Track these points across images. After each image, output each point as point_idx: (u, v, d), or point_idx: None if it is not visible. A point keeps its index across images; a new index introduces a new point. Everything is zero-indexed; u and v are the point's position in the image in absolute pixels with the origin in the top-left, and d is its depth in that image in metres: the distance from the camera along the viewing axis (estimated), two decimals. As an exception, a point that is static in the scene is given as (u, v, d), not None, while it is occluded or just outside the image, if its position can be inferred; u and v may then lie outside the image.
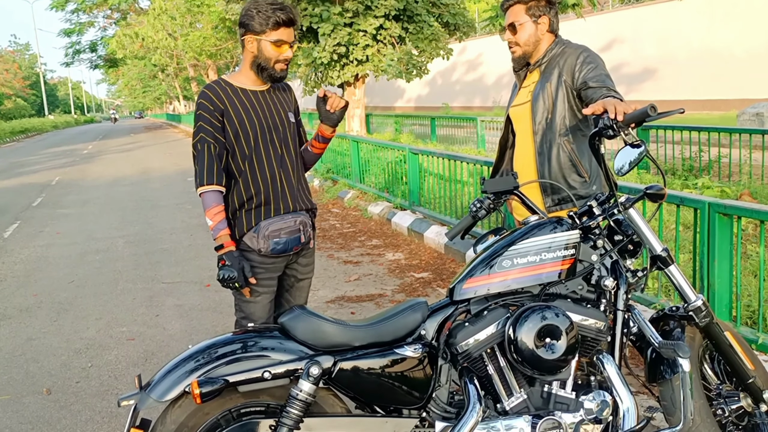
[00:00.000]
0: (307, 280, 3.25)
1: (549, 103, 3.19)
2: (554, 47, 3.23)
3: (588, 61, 3.13)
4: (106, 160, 23.53)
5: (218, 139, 2.95)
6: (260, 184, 2.99)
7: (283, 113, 3.10)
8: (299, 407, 2.30)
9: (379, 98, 41.13)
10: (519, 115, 3.38)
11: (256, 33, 2.93)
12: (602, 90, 3.00)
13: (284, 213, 3.01)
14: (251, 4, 2.95)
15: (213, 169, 2.91)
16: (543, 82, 3.22)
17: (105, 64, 50.67)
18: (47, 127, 58.00)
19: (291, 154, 3.10)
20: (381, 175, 10.57)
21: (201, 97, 3.00)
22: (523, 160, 3.34)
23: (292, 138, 3.13)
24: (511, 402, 2.46)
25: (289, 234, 3.00)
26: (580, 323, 2.43)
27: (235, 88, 3.01)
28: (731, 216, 4.11)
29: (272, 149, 3.03)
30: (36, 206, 13.00)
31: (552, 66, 3.21)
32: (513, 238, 2.54)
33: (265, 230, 2.95)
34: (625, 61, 26.81)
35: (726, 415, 2.68)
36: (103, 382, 4.50)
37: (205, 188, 2.90)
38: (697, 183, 8.88)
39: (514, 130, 3.44)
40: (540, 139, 3.23)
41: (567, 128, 3.18)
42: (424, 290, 6.08)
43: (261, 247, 2.95)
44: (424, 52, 16.39)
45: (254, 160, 2.99)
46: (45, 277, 7.41)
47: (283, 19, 2.91)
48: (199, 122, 2.97)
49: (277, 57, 2.96)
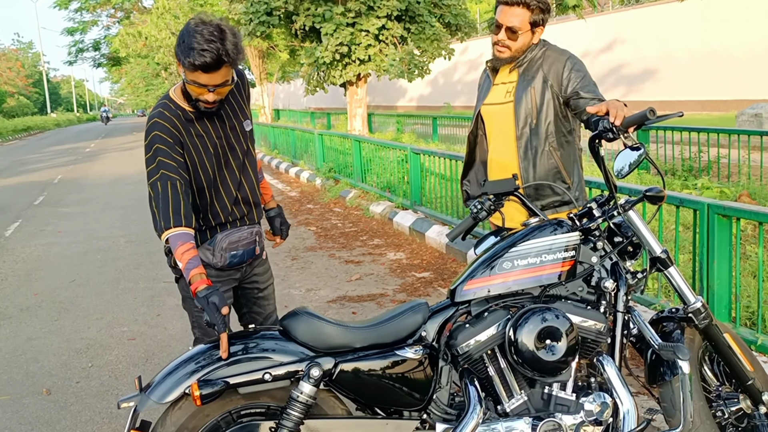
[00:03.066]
0: (270, 287, 3.12)
1: (533, 108, 3.12)
2: (534, 48, 3.16)
3: (576, 68, 3.09)
4: (109, 158, 23.54)
5: (182, 176, 2.62)
6: (219, 212, 2.80)
7: (238, 128, 2.84)
8: (300, 409, 2.31)
9: (380, 97, 41.12)
10: (494, 115, 3.28)
11: (179, 61, 2.55)
12: (594, 101, 2.98)
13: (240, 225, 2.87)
14: (191, 25, 2.52)
15: (180, 209, 2.55)
16: (525, 85, 3.14)
17: (108, 63, 50.63)
18: (50, 125, 57.98)
19: (248, 172, 2.90)
20: (383, 175, 10.58)
21: (155, 128, 2.64)
22: (502, 163, 3.25)
23: (250, 152, 2.91)
24: (512, 403, 2.46)
25: (246, 246, 2.87)
26: (581, 325, 2.44)
27: (186, 112, 2.69)
28: (730, 217, 4.12)
29: (231, 175, 2.82)
30: (38, 205, 13.01)
31: (533, 68, 3.14)
32: (514, 239, 2.55)
33: (222, 243, 2.79)
34: (625, 62, 26.81)
35: (725, 416, 2.68)
36: (103, 382, 4.51)
37: (174, 231, 2.53)
38: (696, 183, 8.89)
39: (486, 128, 3.34)
40: (524, 144, 3.16)
41: (553, 134, 3.14)
42: (425, 290, 6.08)
43: (217, 261, 2.80)
44: (426, 52, 16.41)
45: (213, 192, 2.78)
46: (46, 276, 7.42)
47: (201, 64, 2.47)
48: (157, 157, 2.61)
49: (197, 97, 2.62)
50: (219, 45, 2.46)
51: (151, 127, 2.67)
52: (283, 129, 18.71)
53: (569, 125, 3.19)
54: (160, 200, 2.57)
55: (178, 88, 2.74)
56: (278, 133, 18.94)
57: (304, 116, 32.78)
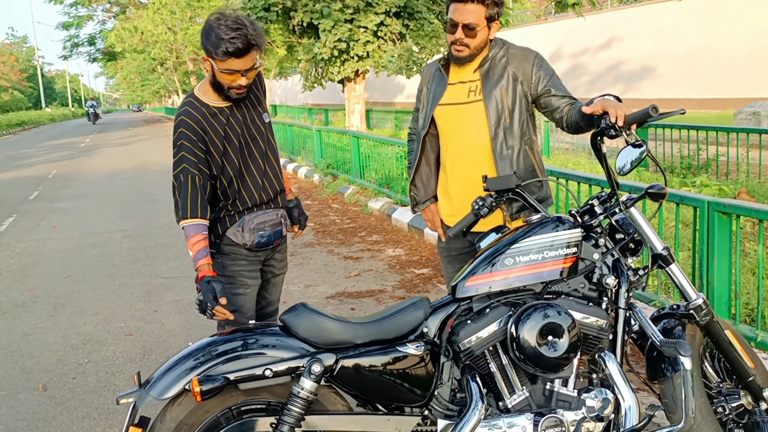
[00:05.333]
0: (282, 275, 3.30)
1: (506, 107, 3.06)
2: (494, 46, 3.11)
3: (544, 66, 3.07)
4: (104, 153, 23.49)
5: (202, 171, 2.85)
6: (247, 198, 2.99)
7: (258, 120, 3.05)
8: (301, 405, 2.29)
9: (378, 94, 41.08)
10: (455, 115, 3.16)
11: (209, 55, 2.77)
12: (566, 99, 3.00)
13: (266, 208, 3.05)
14: (212, 20, 2.74)
15: (197, 201, 2.82)
16: (491, 84, 3.07)
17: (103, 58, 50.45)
18: (44, 119, 57.90)
19: (271, 161, 3.09)
20: (381, 171, 10.56)
21: (181, 126, 2.86)
22: (471, 163, 3.15)
23: (270, 142, 3.11)
24: (513, 400, 2.45)
25: (273, 227, 3.05)
26: (582, 321, 2.43)
27: (211, 108, 2.90)
28: (730, 215, 4.11)
29: (255, 164, 3.01)
30: (32, 200, 12.97)
31: (498, 66, 3.08)
32: (515, 236, 2.54)
33: (250, 224, 2.97)
34: (623, 60, 26.83)
35: (726, 412, 2.69)
36: (100, 378, 4.49)
37: (189, 221, 2.80)
38: (695, 181, 8.91)
39: (440, 129, 3.24)
40: (500, 144, 3.08)
41: (527, 133, 3.12)
42: (424, 286, 6.07)
43: (246, 242, 2.97)
44: (425, 48, 16.36)
45: (240, 181, 2.98)
46: (41, 272, 7.39)
47: (234, 50, 2.69)
48: (181, 152, 2.84)
49: (230, 84, 2.83)
50: (245, 31, 2.69)
51: (178, 125, 2.88)
52: (281, 125, 18.69)
53: (535, 124, 3.19)
54: (180, 191, 2.82)
55: (203, 86, 2.95)
56: (276, 129, 18.88)
57: (302, 112, 32.75)
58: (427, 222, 3.49)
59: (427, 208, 3.43)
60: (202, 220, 2.82)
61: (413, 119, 3.48)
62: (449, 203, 3.27)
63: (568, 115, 2.95)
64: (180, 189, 2.83)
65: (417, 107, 3.40)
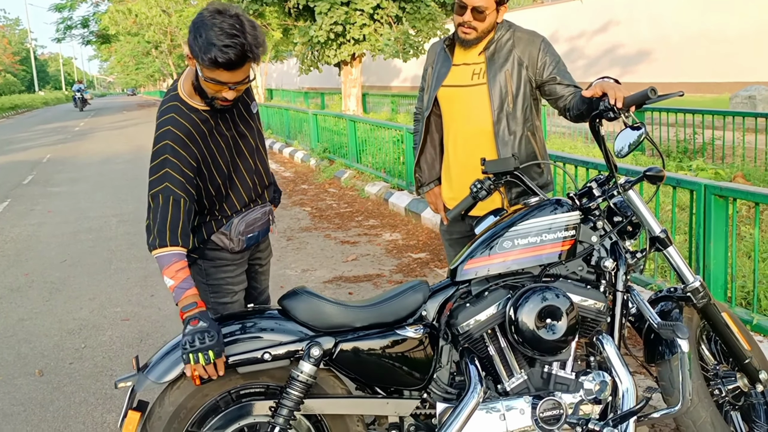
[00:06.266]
0: (269, 263, 3.08)
1: (509, 91, 3.03)
2: (500, 29, 3.08)
3: (551, 52, 3.04)
4: (99, 137, 23.37)
5: (189, 193, 2.43)
6: (235, 203, 2.69)
7: (246, 113, 2.71)
8: (300, 388, 2.29)
9: (374, 77, 40.93)
10: (457, 97, 3.14)
11: (194, 57, 2.33)
12: (571, 88, 2.97)
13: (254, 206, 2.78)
14: (206, 16, 2.30)
15: (178, 227, 2.37)
16: (497, 67, 3.04)
17: (97, 41, 49.97)
18: (38, 103, 57.42)
19: (261, 155, 2.79)
20: (378, 155, 10.54)
21: (167, 137, 2.42)
22: (473, 147, 3.11)
23: (259, 134, 2.79)
24: (512, 383, 2.46)
25: (261, 227, 2.81)
26: (581, 304, 2.43)
27: (200, 113, 2.50)
28: (727, 198, 4.12)
29: (245, 164, 2.70)
30: (27, 184, 12.92)
31: (503, 50, 3.04)
32: (513, 219, 2.53)
33: (239, 227, 2.68)
34: (619, 43, 26.78)
35: (723, 395, 2.71)
36: (97, 363, 4.49)
37: (167, 250, 2.35)
38: (691, 165, 8.92)
39: (443, 111, 3.22)
40: (503, 129, 3.05)
41: (530, 119, 3.09)
42: (421, 270, 6.08)
43: (234, 246, 2.69)
44: (421, 31, 16.26)
45: (229, 185, 2.66)
46: (36, 257, 7.37)
47: (225, 61, 2.27)
48: (164, 169, 2.40)
49: (213, 95, 2.42)
50: (242, 39, 2.27)
51: (163, 135, 2.44)
52: (277, 109, 18.61)
53: (538, 110, 3.16)
54: (158, 214, 2.37)
55: (187, 83, 2.52)
56: (272, 112, 18.84)
57: (298, 96, 32.61)
58: (430, 205, 3.49)
59: (431, 191, 3.41)
60: (183, 249, 2.38)
61: (419, 99, 3.46)
62: (450, 186, 3.27)
63: (572, 104, 2.92)
64: (158, 211, 2.38)
65: (422, 87, 3.38)
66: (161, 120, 2.47)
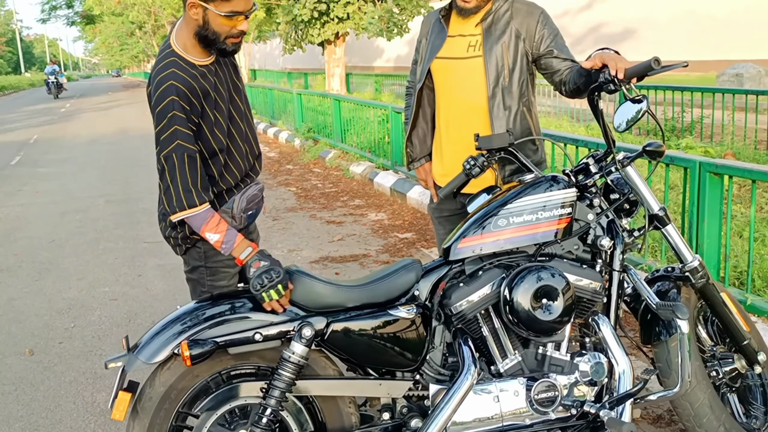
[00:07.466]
0: (257, 240, 2.98)
1: (506, 65, 2.93)
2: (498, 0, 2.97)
3: (549, 25, 2.93)
4: (85, 118, 23.15)
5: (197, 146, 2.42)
6: (235, 171, 2.61)
7: (235, 75, 2.64)
8: (291, 369, 2.24)
9: (357, 58, 40.63)
10: (451, 69, 3.02)
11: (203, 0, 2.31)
12: (567, 62, 2.87)
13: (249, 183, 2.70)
14: None
15: (199, 184, 2.37)
16: (494, 39, 2.93)
17: (82, 21, 49.46)
18: (24, 84, 56.86)
19: (250, 122, 2.72)
20: (363, 135, 10.47)
21: (172, 92, 2.34)
22: (466, 121, 3.03)
23: (246, 98, 2.73)
24: (506, 364, 2.42)
25: (257, 204, 2.74)
26: (576, 284, 2.39)
27: (198, 68, 2.43)
28: (722, 175, 4.08)
29: (237, 130, 2.61)
30: (14, 165, 12.79)
31: (501, 21, 2.93)
32: (508, 197, 2.47)
33: (241, 204, 2.62)
34: (605, 21, 26.60)
35: (720, 376, 2.68)
36: (86, 342, 4.44)
37: (200, 209, 2.37)
38: (680, 143, 8.89)
39: (435, 84, 3.11)
40: (497, 103, 2.95)
41: (526, 94, 2.99)
42: (408, 251, 6.04)
43: (237, 224, 2.61)
44: (405, 10, 16.10)
45: (227, 152, 2.58)
46: (25, 237, 7.30)
47: None
48: (173, 126, 2.33)
49: (229, 32, 2.39)
50: None
51: (166, 91, 2.35)
52: (261, 89, 18.45)
53: (534, 85, 3.08)
54: (177, 175, 2.34)
55: (181, 38, 2.44)
56: (256, 93, 18.67)
57: (281, 76, 32.37)
58: (420, 181, 3.39)
59: (421, 167, 3.31)
60: (208, 205, 2.39)
61: (411, 72, 3.34)
62: (441, 163, 3.18)
63: (569, 78, 2.82)
64: (175, 172, 2.34)
65: (415, 59, 3.27)
66: (161, 77, 2.38)
